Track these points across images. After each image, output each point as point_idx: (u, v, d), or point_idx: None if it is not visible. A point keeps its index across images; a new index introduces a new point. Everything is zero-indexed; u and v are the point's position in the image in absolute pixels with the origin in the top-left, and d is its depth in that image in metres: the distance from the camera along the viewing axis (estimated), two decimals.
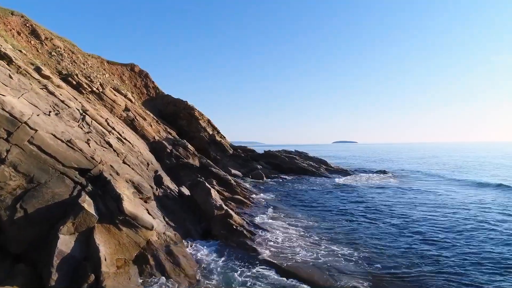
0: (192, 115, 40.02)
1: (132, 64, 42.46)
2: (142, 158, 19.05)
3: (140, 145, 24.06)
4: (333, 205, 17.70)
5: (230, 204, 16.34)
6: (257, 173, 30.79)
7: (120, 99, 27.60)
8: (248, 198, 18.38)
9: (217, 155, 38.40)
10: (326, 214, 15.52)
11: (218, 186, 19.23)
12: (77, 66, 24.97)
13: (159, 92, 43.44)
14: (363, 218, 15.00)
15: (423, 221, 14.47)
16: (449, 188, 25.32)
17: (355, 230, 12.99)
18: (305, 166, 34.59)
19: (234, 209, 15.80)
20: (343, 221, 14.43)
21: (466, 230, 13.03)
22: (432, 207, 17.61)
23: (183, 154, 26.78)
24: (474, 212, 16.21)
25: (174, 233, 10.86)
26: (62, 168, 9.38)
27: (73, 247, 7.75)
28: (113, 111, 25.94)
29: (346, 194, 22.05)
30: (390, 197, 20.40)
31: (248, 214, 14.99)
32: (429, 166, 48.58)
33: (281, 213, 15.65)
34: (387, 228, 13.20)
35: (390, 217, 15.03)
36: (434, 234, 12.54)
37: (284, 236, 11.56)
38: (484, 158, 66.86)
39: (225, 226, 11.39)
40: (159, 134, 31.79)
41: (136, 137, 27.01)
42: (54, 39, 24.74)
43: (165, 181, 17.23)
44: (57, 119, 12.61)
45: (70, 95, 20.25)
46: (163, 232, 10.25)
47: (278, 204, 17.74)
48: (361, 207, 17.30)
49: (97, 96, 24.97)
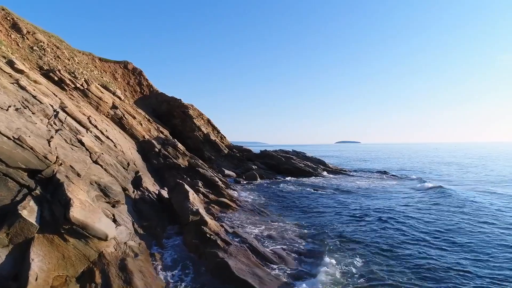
0: (186, 114, 38.86)
1: (125, 62, 41.41)
2: (123, 158, 17.88)
3: (125, 144, 22.93)
4: (326, 211, 16.36)
5: (213, 208, 15.11)
6: (251, 174, 29.54)
7: (108, 97, 26.48)
8: (235, 201, 17.14)
9: (212, 155, 37.21)
10: (316, 221, 14.18)
11: (203, 188, 18.01)
12: (60, 62, 23.87)
13: (153, 90, 42.35)
14: (355, 225, 13.67)
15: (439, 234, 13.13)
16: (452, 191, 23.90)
17: (346, 242, 11.70)
18: (301, 166, 33.28)
19: (217, 214, 14.59)
20: (333, 229, 13.12)
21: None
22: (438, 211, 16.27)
23: (172, 153, 25.61)
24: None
25: (139, 242, 9.65)
26: (5, 168, 8.18)
27: (3, 262, 6.56)
28: (99, 108, 24.82)
29: (341, 197, 20.73)
30: (395, 203, 18.98)
31: (230, 219, 13.74)
32: (431, 166, 47.03)
33: (267, 219, 14.38)
34: (400, 248, 11.81)
35: (408, 230, 13.51)
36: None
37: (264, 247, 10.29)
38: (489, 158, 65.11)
39: (198, 234, 10.15)
40: (150, 133, 30.65)
41: (124, 136, 25.90)
42: (37, 34, 23.67)
43: (145, 183, 16.04)
44: (17, 114, 11.45)
45: (48, 91, 19.14)
46: (124, 241, 9.03)
47: (266, 208, 16.47)
48: (356, 213, 15.97)
49: (81, 93, 23.86)
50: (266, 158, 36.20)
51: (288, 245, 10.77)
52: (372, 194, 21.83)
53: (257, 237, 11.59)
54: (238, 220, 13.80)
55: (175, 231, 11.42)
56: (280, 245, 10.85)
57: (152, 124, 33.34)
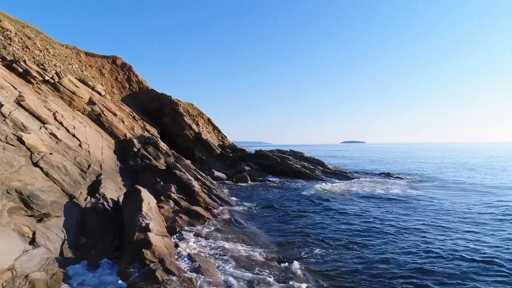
0: (176, 111, 36.63)
1: (114, 57, 39.34)
2: (85, 159, 15.65)
3: (98, 144, 20.73)
4: (315, 223, 13.79)
5: (180, 219, 12.77)
6: (241, 176, 27.17)
7: (84, 91, 24.32)
8: (211, 209, 14.79)
9: (203, 155, 34.93)
10: (301, 240, 11.39)
11: (176, 194, 15.70)
12: (29, 53, 21.78)
13: (143, 87, 40.20)
14: (347, 247, 11.18)
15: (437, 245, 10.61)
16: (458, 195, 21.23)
17: (336, 265, 9.24)
18: (298, 167, 30.78)
19: (183, 227, 12.24)
20: (318, 251, 10.66)
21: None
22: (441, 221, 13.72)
23: (152, 154, 23.36)
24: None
25: (55, 272, 7.36)
26: None
27: None
28: (72, 104, 22.67)
29: (338, 205, 18.24)
30: (396, 212, 16.43)
31: (197, 234, 11.37)
32: (435, 167, 44.09)
33: (242, 232, 11.98)
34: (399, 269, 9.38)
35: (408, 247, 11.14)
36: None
37: (222, 279, 7.89)
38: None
39: (136, 259, 7.83)
40: (133, 132, 28.46)
41: (101, 134, 23.73)
42: (4, 22, 21.62)
43: (104, 188, 13.75)
44: None
45: (6, 83, 17.03)
46: (26, 274, 6.73)
47: (247, 220, 14.00)
48: (351, 226, 13.46)
49: (52, 87, 21.74)
50: (260, 158, 33.78)
51: (255, 275, 8.35)
52: (372, 203, 19.27)
53: (221, 258, 9.21)
54: (206, 235, 11.44)
55: (115, 253, 9.09)
56: (246, 271, 8.46)
57: (137, 122, 31.17)
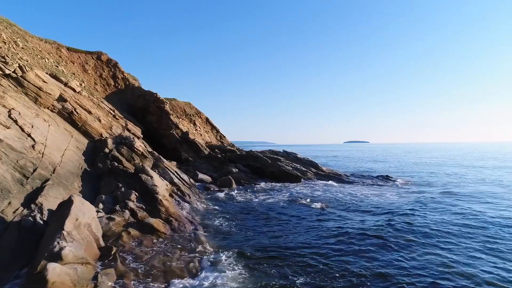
0: (161, 109, 34.72)
1: (99, 52, 37.53)
2: (30, 162, 13.75)
3: (61, 145, 18.83)
4: (298, 243, 11.68)
5: (128, 235, 10.79)
6: (225, 179, 25.16)
7: (53, 87, 22.47)
8: (171, 221, 12.79)
9: (189, 155, 32.96)
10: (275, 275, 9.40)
11: (135, 203, 13.72)
12: None
13: (130, 84, 38.36)
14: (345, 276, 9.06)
15: None
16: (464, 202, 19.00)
17: None
18: (289, 170, 28.68)
19: (125, 245, 10.26)
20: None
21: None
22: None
23: (126, 155, 21.44)
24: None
25: None
26: None
27: None
28: (38, 100, 20.82)
29: (322, 216, 16.16)
30: (392, 225, 14.24)
31: (138, 258, 9.35)
32: (436, 167, 41.67)
33: (195, 254, 9.95)
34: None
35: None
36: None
37: None
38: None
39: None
40: (111, 131, 26.58)
41: (71, 134, 21.86)
42: None
43: (43, 197, 11.82)
44: None
45: None
46: None
47: (210, 238, 11.86)
48: (341, 248, 11.35)
49: (14, 82, 19.90)
50: (250, 159, 31.71)
51: None
52: (362, 212, 17.16)
53: None
54: (149, 257, 9.43)
55: (17, 281, 7.14)
56: None
57: (118, 121, 29.29)
